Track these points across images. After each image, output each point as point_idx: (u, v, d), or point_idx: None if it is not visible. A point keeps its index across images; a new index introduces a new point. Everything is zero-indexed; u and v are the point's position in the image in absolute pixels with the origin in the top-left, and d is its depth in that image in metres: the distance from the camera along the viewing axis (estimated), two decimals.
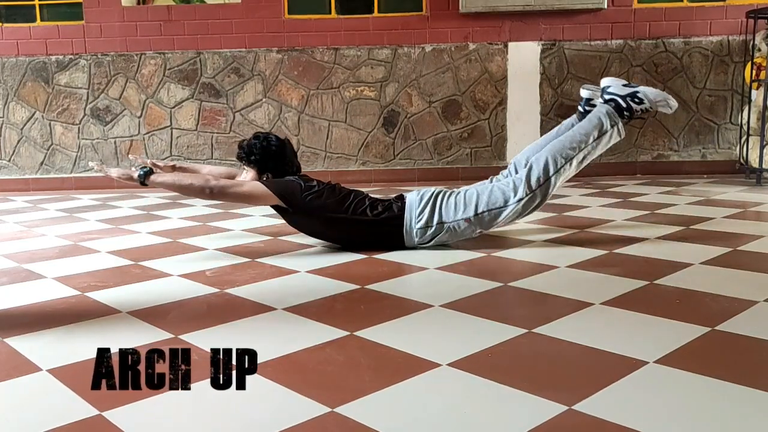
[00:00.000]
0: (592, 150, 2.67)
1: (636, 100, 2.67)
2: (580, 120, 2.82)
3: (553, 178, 2.61)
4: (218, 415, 1.31)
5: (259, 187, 2.61)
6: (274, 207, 2.69)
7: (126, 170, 2.61)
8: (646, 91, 2.72)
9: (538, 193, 2.61)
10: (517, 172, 2.75)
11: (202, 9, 4.93)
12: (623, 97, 2.69)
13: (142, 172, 2.53)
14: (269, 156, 2.77)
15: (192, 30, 4.94)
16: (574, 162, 2.65)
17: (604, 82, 2.78)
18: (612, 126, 2.67)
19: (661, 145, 4.98)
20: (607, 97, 2.73)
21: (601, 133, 2.66)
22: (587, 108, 2.84)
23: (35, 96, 5.02)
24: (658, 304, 1.92)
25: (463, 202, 2.62)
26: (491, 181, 2.80)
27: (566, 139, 2.67)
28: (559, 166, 2.61)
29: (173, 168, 3.02)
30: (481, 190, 2.65)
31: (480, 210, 2.60)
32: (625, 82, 2.75)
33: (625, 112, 2.69)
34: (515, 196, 2.60)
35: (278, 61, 4.95)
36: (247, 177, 2.82)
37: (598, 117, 2.68)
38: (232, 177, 2.95)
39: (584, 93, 2.87)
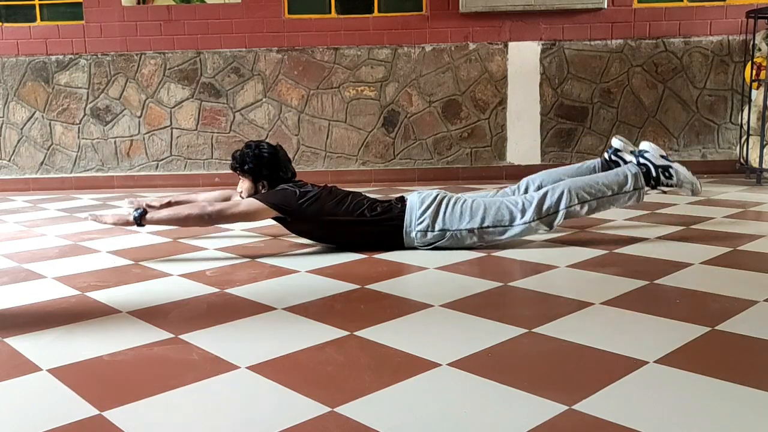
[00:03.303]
0: (607, 204, 2.68)
1: (667, 173, 2.70)
2: (603, 166, 2.86)
3: (561, 212, 2.62)
4: (218, 414, 1.31)
5: (255, 203, 2.62)
6: (274, 218, 2.70)
7: (121, 215, 2.62)
8: (679, 170, 2.74)
9: (543, 222, 2.62)
10: (526, 191, 2.77)
11: (202, 9, 4.93)
12: (656, 167, 2.71)
13: (137, 214, 2.57)
14: (262, 164, 2.77)
15: (192, 30, 4.94)
16: (586, 207, 2.65)
17: (644, 145, 2.79)
18: (635, 189, 2.68)
19: (661, 145, 4.97)
20: (641, 161, 2.74)
21: (622, 192, 2.67)
22: (613, 158, 2.86)
23: (35, 96, 5.02)
24: (658, 304, 1.92)
25: (469, 211, 2.61)
26: (496, 194, 2.80)
27: (587, 180, 2.68)
28: (571, 204, 2.61)
29: (168, 204, 2.98)
30: (488, 204, 2.63)
31: (485, 224, 2.60)
32: (663, 154, 2.77)
33: (651, 181, 2.71)
34: (522, 217, 2.60)
35: (278, 61, 4.95)
36: (243, 187, 2.83)
37: (626, 175, 2.69)
38: (228, 198, 2.95)
39: (615, 143, 2.89)
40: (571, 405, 1.29)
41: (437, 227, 2.61)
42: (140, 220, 2.56)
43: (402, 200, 2.71)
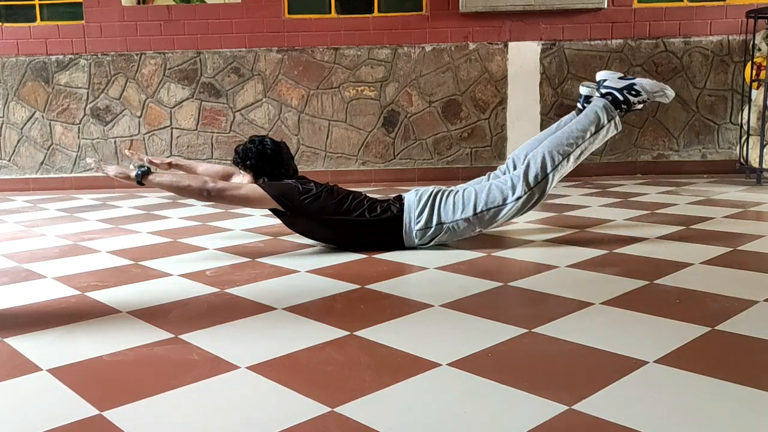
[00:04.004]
0: (590, 145, 2.67)
1: (633, 92, 2.66)
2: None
3: (550, 176, 2.61)
4: (218, 414, 1.31)
5: (257, 190, 2.61)
6: (272, 210, 2.69)
7: (123, 169, 2.59)
8: (643, 83, 2.70)
9: (536, 191, 2.61)
10: (515, 168, 2.76)
11: (202, 9, 4.93)
12: (620, 90, 2.68)
13: (139, 172, 2.50)
14: (265, 159, 2.77)
15: (192, 30, 4.94)
16: (572, 158, 2.65)
17: (600, 75, 2.76)
18: (609, 120, 2.67)
19: (662, 145, 4.98)
20: (603, 91, 2.71)
21: (599, 128, 2.66)
22: (586, 105, 2.84)
23: (35, 96, 5.02)
24: (658, 304, 1.92)
25: (461, 201, 2.62)
26: (488, 179, 2.80)
27: (563, 135, 2.67)
28: (556, 163, 2.61)
29: (170, 165, 3.02)
30: (479, 189, 2.64)
31: (479, 209, 2.59)
32: (621, 75, 2.73)
33: (622, 105, 2.68)
34: (513, 194, 2.60)
35: (278, 61, 4.95)
36: (243, 181, 2.83)
37: (595, 112, 2.68)
38: (228, 176, 2.96)
39: (583, 90, 2.86)
40: (571, 405, 1.29)
41: (434, 222, 2.61)
42: (142, 178, 2.49)
43: (399, 199, 2.71)
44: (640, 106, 2.72)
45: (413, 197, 2.67)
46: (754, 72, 4.44)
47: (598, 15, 4.85)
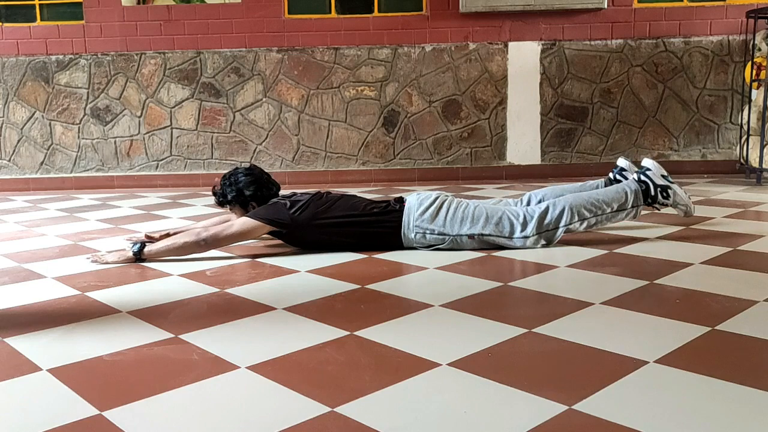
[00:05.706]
0: (605, 221, 2.72)
1: (665, 194, 2.75)
2: (606, 185, 2.88)
3: (561, 229, 2.64)
4: (218, 414, 1.31)
5: (248, 221, 2.62)
6: (270, 233, 2.69)
7: (121, 252, 2.63)
8: (677, 191, 2.80)
9: (542, 237, 2.63)
10: (529, 203, 2.79)
11: (202, 9, 4.93)
12: (656, 186, 2.75)
13: (135, 249, 2.58)
14: (244, 187, 2.78)
15: (192, 30, 4.94)
16: (585, 224, 2.68)
17: (647, 163, 2.83)
18: (633, 207, 2.72)
19: (662, 145, 4.98)
20: (642, 178, 2.77)
21: (621, 208, 2.70)
22: (618, 177, 2.91)
23: (35, 96, 5.02)
24: (658, 304, 1.92)
25: (471, 217, 2.61)
26: (498, 203, 2.81)
27: (588, 197, 2.69)
28: (570, 221, 2.64)
29: (168, 235, 2.99)
30: (491, 212, 2.63)
31: (486, 232, 2.61)
32: (665, 174, 2.81)
33: (649, 199, 2.76)
34: (522, 231, 2.61)
35: (278, 61, 4.95)
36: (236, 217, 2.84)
37: (626, 191, 2.72)
38: (227, 221, 2.96)
39: (621, 162, 2.93)
40: (571, 405, 1.29)
41: (437, 230, 2.61)
42: (139, 254, 2.58)
43: (401, 201, 2.71)
44: (659, 208, 2.82)
45: (415, 200, 2.67)
46: (754, 72, 4.45)
47: (598, 15, 4.85)
